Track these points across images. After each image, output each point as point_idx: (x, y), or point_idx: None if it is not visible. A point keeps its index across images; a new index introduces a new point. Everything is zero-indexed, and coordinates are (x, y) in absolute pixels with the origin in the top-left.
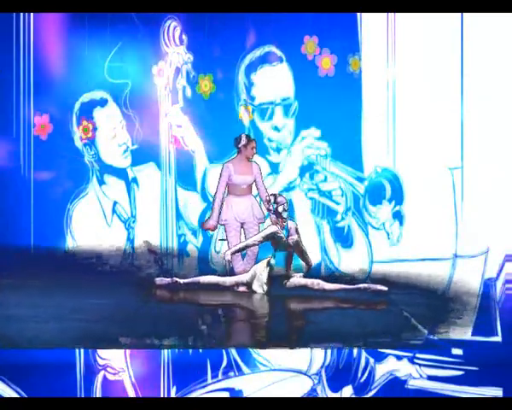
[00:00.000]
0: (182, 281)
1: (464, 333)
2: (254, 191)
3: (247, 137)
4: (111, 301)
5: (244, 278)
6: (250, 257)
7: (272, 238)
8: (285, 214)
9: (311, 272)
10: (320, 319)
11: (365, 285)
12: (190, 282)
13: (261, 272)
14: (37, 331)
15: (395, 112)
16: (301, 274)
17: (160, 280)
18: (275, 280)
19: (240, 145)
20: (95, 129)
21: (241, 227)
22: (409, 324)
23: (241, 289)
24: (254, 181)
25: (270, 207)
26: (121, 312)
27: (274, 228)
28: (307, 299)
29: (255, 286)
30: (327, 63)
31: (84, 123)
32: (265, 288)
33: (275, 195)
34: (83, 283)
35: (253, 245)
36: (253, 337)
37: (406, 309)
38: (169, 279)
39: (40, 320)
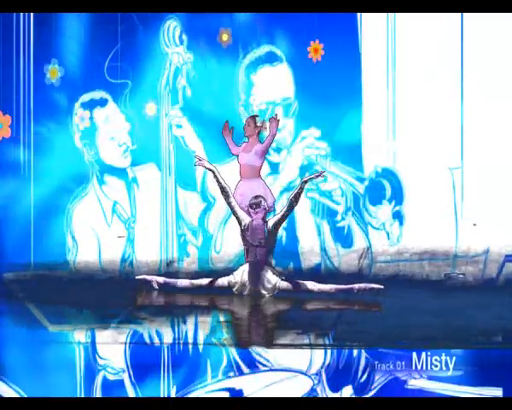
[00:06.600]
0: (161, 279)
1: None
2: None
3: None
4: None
5: (223, 280)
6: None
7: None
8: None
9: (311, 273)
10: (319, 319)
11: (360, 285)
12: (168, 283)
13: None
14: None
15: (395, 112)
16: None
17: (141, 277)
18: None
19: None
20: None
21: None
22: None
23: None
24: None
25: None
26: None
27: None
28: (299, 299)
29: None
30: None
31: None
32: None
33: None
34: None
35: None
36: (241, 339)
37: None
38: (149, 277)
39: None
